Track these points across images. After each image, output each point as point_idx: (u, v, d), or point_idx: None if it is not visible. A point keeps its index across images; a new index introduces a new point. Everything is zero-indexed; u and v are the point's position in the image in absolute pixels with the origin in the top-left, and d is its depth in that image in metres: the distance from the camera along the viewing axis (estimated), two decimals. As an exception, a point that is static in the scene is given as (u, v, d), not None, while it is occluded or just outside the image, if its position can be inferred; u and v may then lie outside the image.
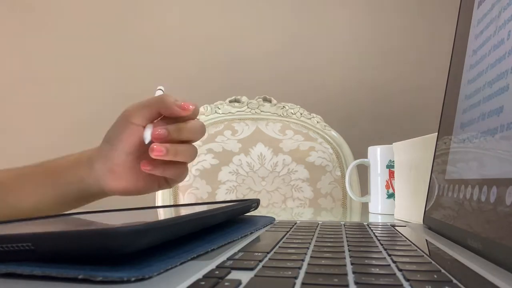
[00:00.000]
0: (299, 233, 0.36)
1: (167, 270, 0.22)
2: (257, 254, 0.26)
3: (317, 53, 1.45)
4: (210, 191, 1.02)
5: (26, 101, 1.48)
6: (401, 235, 0.36)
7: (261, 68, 1.45)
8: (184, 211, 0.43)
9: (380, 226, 0.43)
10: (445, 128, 0.42)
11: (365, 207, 0.92)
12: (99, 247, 0.21)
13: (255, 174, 1.04)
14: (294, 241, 0.32)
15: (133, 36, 1.47)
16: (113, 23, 1.48)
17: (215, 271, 0.22)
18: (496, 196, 0.26)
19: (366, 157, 0.73)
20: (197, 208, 0.39)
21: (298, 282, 0.19)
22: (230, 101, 1.13)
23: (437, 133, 0.45)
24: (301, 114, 1.13)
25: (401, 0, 1.44)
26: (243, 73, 1.44)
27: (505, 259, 0.23)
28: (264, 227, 0.42)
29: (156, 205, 0.99)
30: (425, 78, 1.41)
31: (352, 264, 0.23)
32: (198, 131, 0.46)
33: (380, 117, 1.42)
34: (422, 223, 0.45)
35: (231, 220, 0.43)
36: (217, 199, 1.01)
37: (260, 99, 1.14)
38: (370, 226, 0.43)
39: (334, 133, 1.11)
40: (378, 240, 0.33)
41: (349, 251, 0.28)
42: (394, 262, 0.24)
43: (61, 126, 1.47)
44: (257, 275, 0.21)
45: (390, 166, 0.68)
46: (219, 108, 1.11)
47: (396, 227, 0.42)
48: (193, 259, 0.25)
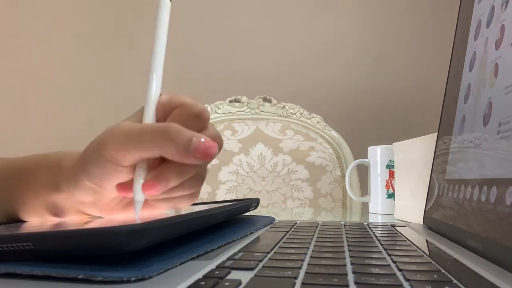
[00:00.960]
0: (299, 233, 0.36)
1: (167, 270, 0.22)
2: (257, 254, 0.26)
3: (317, 53, 1.45)
4: (210, 191, 1.02)
5: (26, 101, 1.48)
6: (401, 235, 0.36)
7: (261, 68, 1.45)
8: (184, 211, 0.43)
9: (380, 226, 0.43)
10: (445, 128, 0.42)
11: (365, 207, 0.92)
12: (99, 247, 0.21)
13: (255, 174, 1.04)
14: (294, 241, 0.32)
15: (133, 36, 1.47)
16: (113, 23, 1.48)
17: (215, 271, 0.22)
18: (496, 196, 0.26)
19: (366, 157, 0.73)
20: (197, 208, 0.39)
21: (298, 282, 0.19)
22: (230, 101, 1.13)
23: (437, 133, 0.45)
24: (301, 114, 1.13)
25: (401, 2, 1.44)
26: (243, 73, 1.44)
27: (505, 259, 0.23)
28: (264, 227, 0.42)
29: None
30: (425, 78, 1.41)
31: (352, 264, 0.23)
32: (211, 154, 0.30)
33: (380, 117, 1.42)
34: (422, 223, 0.45)
35: (231, 220, 0.43)
36: (217, 199, 1.01)
37: (260, 99, 1.14)
38: (370, 226, 0.43)
39: (334, 133, 1.11)
40: (378, 240, 0.33)
41: (349, 251, 0.28)
42: (394, 262, 0.24)
43: (61, 126, 1.47)
44: (257, 275, 0.21)
45: (390, 166, 0.68)
46: (219, 108, 1.11)
47: (396, 227, 0.42)
48: (193, 259, 0.25)
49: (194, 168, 0.31)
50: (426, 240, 0.34)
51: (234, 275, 0.21)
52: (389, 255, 0.26)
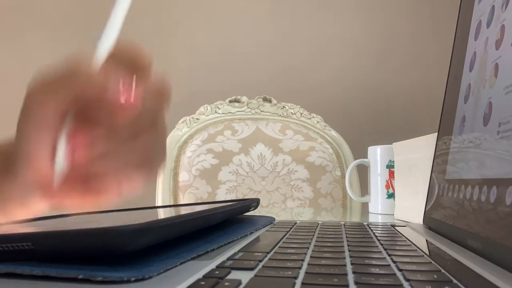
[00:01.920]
0: (299, 233, 0.36)
1: (167, 270, 0.22)
2: (257, 254, 0.26)
3: (317, 53, 1.45)
4: (210, 191, 1.02)
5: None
6: (401, 235, 0.36)
7: (262, 68, 1.45)
8: (184, 211, 0.43)
9: (380, 226, 0.43)
10: (445, 128, 0.42)
11: (365, 207, 0.92)
12: (99, 247, 0.21)
13: (255, 174, 1.04)
14: (294, 241, 0.32)
15: (133, 36, 1.47)
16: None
17: (215, 271, 0.22)
18: (496, 196, 0.26)
19: (366, 157, 0.73)
20: (197, 208, 0.39)
21: (298, 282, 0.19)
22: (230, 101, 1.13)
23: (437, 133, 0.45)
24: (301, 114, 1.13)
25: (402, 2, 1.44)
26: (243, 73, 1.44)
27: (505, 259, 0.23)
28: (264, 227, 0.42)
29: (156, 205, 0.99)
30: (426, 78, 1.41)
31: (352, 264, 0.23)
32: (156, 113, 0.26)
33: (380, 117, 1.42)
34: (422, 223, 0.45)
35: (231, 220, 0.43)
36: (217, 199, 1.01)
37: (260, 99, 1.14)
38: (370, 226, 0.43)
39: (334, 133, 1.11)
40: (378, 240, 0.33)
41: (349, 251, 0.28)
42: (394, 262, 0.24)
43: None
44: (257, 275, 0.21)
45: (390, 166, 0.68)
46: (219, 108, 1.11)
47: (396, 227, 0.42)
48: (193, 259, 0.25)
49: (134, 128, 0.26)
50: (426, 240, 0.34)
51: (234, 275, 0.21)
52: (389, 255, 0.26)
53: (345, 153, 1.08)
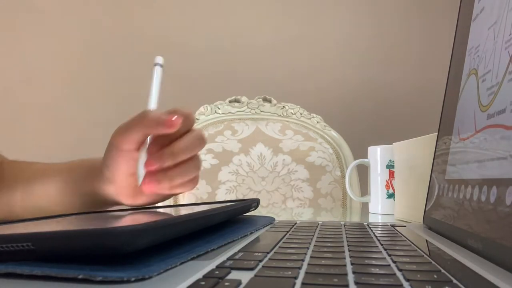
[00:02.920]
0: (299, 233, 0.36)
1: (167, 270, 0.22)
2: (257, 254, 0.26)
3: (317, 53, 1.45)
4: (210, 191, 1.02)
5: (26, 101, 1.48)
6: (401, 235, 0.36)
7: (261, 68, 1.45)
8: (184, 211, 0.43)
9: (380, 226, 0.43)
10: (445, 128, 0.42)
11: (365, 207, 0.92)
12: (99, 247, 0.21)
13: (255, 174, 1.04)
14: (294, 241, 0.32)
15: (133, 36, 1.47)
16: (113, 24, 1.48)
17: (215, 271, 0.22)
18: (496, 196, 0.26)
19: (366, 157, 0.73)
20: (197, 208, 0.39)
21: (298, 282, 0.19)
22: (230, 101, 1.13)
23: (437, 133, 0.45)
24: (301, 114, 1.13)
25: (402, 1, 1.44)
26: (243, 73, 1.44)
27: (505, 259, 0.23)
28: (264, 227, 0.41)
29: (156, 205, 0.98)
30: (425, 78, 1.41)
31: (352, 264, 0.23)
32: (196, 145, 0.43)
33: (380, 117, 1.42)
34: (422, 223, 0.45)
35: (231, 220, 0.43)
36: (217, 199, 1.01)
37: (260, 99, 1.14)
38: (370, 226, 0.43)
39: (334, 133, 1.11)
40: (378, 240, 0.33)
41: (349, 251, 0.28)
42: (394, 262, 0.24)
43: (61, 127, 1.47)
44: (257, 275, 0.21)
45: (390, 166, 0.68)
46: (219, 108, 1.11)
47: (396, 227, 0.42)
48: (193, 259, 0.25)
49: (184, 151, 0.41)
50: (426, 240, 0.34)
51: (234, 275, 0.21)
52: (389, 255, 0.26)
53: (345, 153, 1.08)
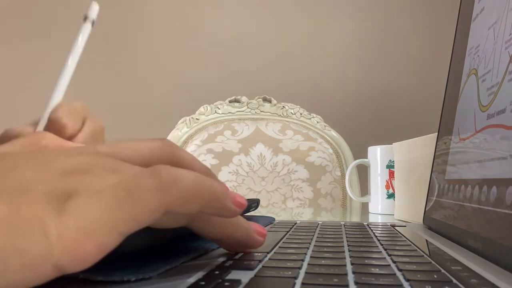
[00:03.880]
0: (299, 233, 0.36)
1: (167, 270, 0.22)
2: (257, 254, 0.26)
3: (317, 53, 1.45)
4: (210, 191, 1.02)
5: (27, 101, 1.48)
6: (401, 235, 0.36)
7: (261, 68, 1.45)
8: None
9: (380, 226, 0.43)
10: (445, 128, 0.42)
11: (365, 207, 0.92)
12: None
13: (255, 174, 1.04)
14: (294, 241, 0.32)
15: (133, 37, 1.47)
16: (114, 24, 1.48)
17: (215, 271, 0.22)
18: (496, 196, 0.26)
19: (366, 157, 0.73)
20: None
21: (298, 282, 0.19)
22: (230, 101, 1.13)
23: (437, 133, 0.45)
24: (301, 114, 1.13)
25: (402, 1, 1.44)
26: (243, 73, 1.44)
27: (505, 259, 0.23)
28: (264, 227, 0.41)
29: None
30: (425, 78, 1.41)
31: (352, 264, 0.23)
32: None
33: (380, 117, 1.42)
34: (422, 223, 0.45)
35: (231, 220, 0.43)
36: (217, 199, 1.01)
37: (260, 99, 1.14)
38: (370, 226, 0.43)
39: (334, 133, 1.11)
40: (378, 240, 0.33)
41: (349, 251, 0.27)
42: (394, 262, 0.24)
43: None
44: (257, 275, 0.21)
45: (390, 166, 0.68)
46: (219, 108, 1.11)
47: (396, 227, 0.42)
48: (193, 259, 0.25)
49: None
50: (426, 240, 0.34)
51: (234, 275, 0.21)
52: (389, 255, 0.26)
53: (345, 153, 1.08)
